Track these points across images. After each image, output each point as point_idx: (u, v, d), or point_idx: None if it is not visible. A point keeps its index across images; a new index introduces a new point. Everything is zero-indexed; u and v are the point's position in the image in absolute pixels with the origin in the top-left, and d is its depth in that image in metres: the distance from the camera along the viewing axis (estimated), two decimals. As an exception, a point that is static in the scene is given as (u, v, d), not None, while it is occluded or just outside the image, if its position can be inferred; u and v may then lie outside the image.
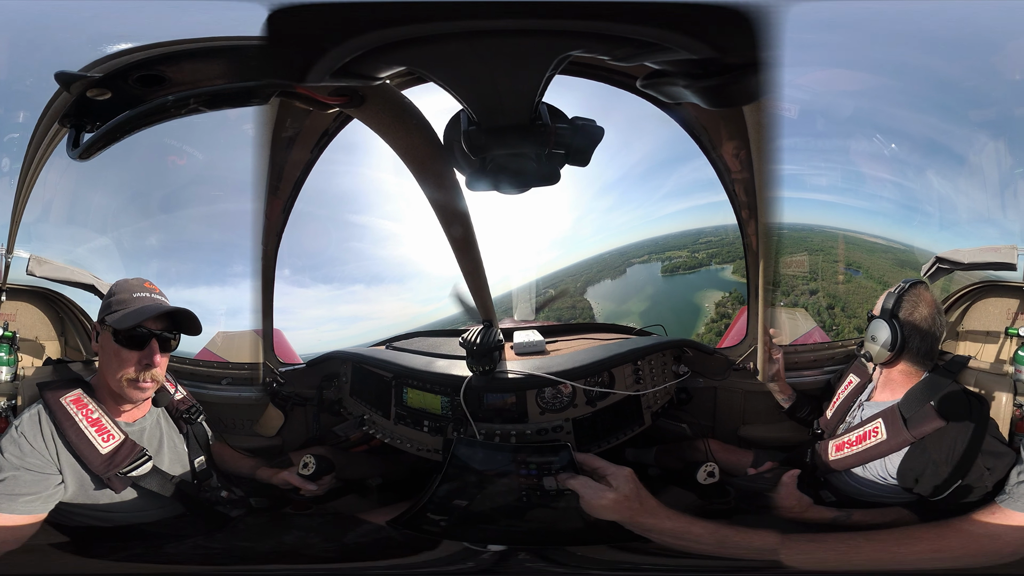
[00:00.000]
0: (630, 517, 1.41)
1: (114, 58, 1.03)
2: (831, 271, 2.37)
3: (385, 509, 1.69)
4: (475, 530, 1.55)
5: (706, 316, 2.48)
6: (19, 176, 1.89)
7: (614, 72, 1.85)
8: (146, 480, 1.57)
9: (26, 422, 1.52)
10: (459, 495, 1.57)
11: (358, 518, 1.72)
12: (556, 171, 1.28)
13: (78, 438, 1.52)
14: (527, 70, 1.01)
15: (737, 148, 1.88)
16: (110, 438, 1.54)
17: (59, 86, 1.02)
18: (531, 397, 1.86)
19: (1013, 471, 1.48)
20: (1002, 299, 2.07)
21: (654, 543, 1.44)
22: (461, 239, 1.63)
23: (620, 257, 2.98)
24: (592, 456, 1.52)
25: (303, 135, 1.86)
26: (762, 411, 2.09)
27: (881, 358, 1.72)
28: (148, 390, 1.59)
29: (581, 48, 0.97)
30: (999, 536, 1.44)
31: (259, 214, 1.90)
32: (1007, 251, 2.03)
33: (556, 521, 1.52)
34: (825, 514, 1.69)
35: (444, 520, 1.54)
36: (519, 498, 1.54)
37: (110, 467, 1.52)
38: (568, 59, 0.99)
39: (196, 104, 1.04)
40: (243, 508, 1.75)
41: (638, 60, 1.00)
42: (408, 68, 1.03)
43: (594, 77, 1.87)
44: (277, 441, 2.15)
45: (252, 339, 2.14)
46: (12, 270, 2.00)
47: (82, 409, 1.55)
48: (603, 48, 0.97)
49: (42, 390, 1.58)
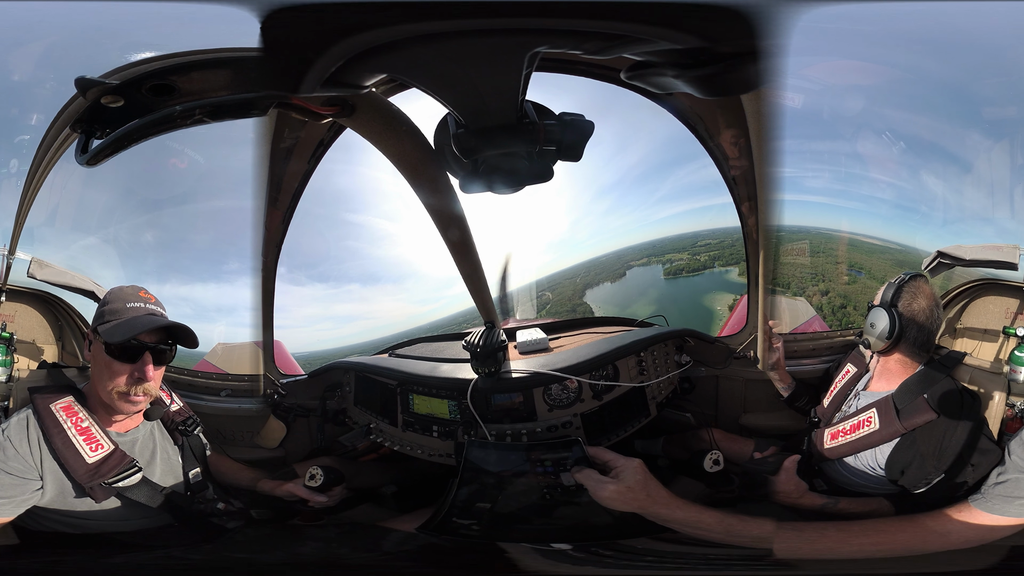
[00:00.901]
0: (641, 508, 1.43)
1: (131, 67, 1.05)
2: (835, 271, 2.39)
3: (405, 517, 1.70)
4: (506, 530, 1.55)
5: (720, 319, 2.49)
6: (26, 178, 1.88)
7: (596, 67, 1.84)
8: (133, 491, 1.54)
9: (13, 426, 1.50)
10: (480, 497, 1.58)
11: (379, 527, 1.72)
12: (549, 168, 1.29)
13: (64, 446, 1.49)
14: (502, 68, 1.02)
15: (736, 136, 1.88)
16: (99, 448, 1.52)
17: (76, 91, 1.03)
18: (538, 395, 1.86)
19: (993, 471, 1.51)
20: (1001, 298, 2.08)
21: (681, 534, 1.45)
22: (459, 242, 1.64)
23: (618, 260, 2.99)
24: (602, 449, 1.54)
25: (300, 146, 1.87)
26: (763, 399, 2.11)
27: (878, 346, 1.75)
28: (140, 404, 1.56)
29: (548, 44, 0.97)
30: (947, 534, 1.47)
31: (259, 226, 1.91)
32: (1009, 250, 2.04)
33: (582, 515, 1.53)
34: (816, 501, 1.72)
35: (473, 524, 1.54)
36: (542, 496, 1.55)
37: (95, 477, 1.50)
38: (539, 55, 1.00)
39: (200, 115, 1.06)
40: (241, 520, 1.72)
41: (612, 53, 1.01)
42: (389, 75, 1.04)
43: (583, 73, 1.88)
44: (279, 453, 2.12)
45: (252, 351, 2.13)
46: (13, 272, 1.98)
47: (72, 417, 1.52)
48: (570, 43, 0.98)
49: (32, 395, 1.55)
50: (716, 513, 1.48)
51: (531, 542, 1.54)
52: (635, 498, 1.42)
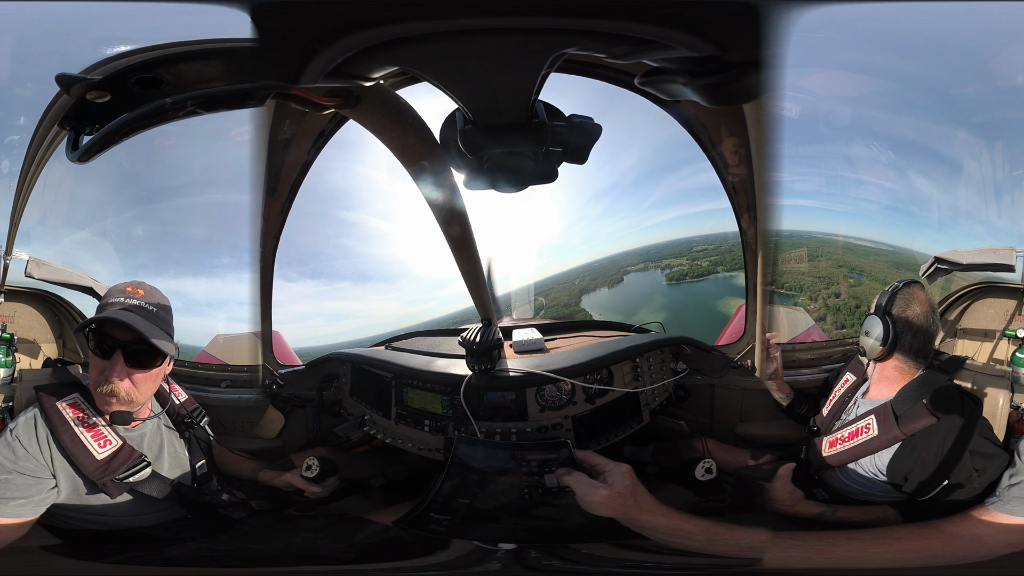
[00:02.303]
0: (624, 513, 1.41)
1: (113, 60, 1.03)
2: (838, 275, 2.38)
3: (389, 509, 1.70)
4: (480, 528, 1.55)
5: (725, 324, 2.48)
6: (18, 178, 1.89)
7: (610, 69, 1.85)
8: (143, 485, 1.56)
9: (21, 425, 1.51)
10: (462, 494, 1.58)
11: (363, 518, 1.72)
12: (554, 169, 1.27)
13: (73, 443, 1.50)
14: (523, 68, 1.00)
15: (736, 146, 1.89)
16: (107, 444, 1.52)
17: (59, 88, 1.02)
18: (531, 395, 1.86)
19: (1005, 474, 1.49)
20: (1000, 300, 2.07)
21: (653, 541, 1.44)
22: (459, 238, 1.63)
23: (613, 265, 2.98)
24: (591, 453, 1.52)
25: (300, 136, 1.86)
26: (760, 409, 2.10)
27: (874, 352, 1.74)
28: (112, 404, 1.53)
29: (577, 46, 0.96)
30: (981, 538, 1.44)
31: (257, 216, 1.90)
32: (1006, 252, 2.05)
33: (559, 518, 1.53)
34: (812, 509, 1.71)
35: (449, 519, 1.54)
36: (522, 496, 1.54)
37: (105, 473, 1.50)
38: (563, 57, 0.98)
39: (193, 106, 1.04)
40: (245, 510, 1.73)
41: (636, 58, 1.00)
42: (402, 68, 1.03)
43: (590, 75, 1.87)
44: (278, 443, 2.14)
45: (251, 341, 2.14)
46: (11, 272, 1.99)
47: (78, 414, 1.53)
48: (600, 46, 0.97)
49: (39, 393, 1.56)
50: (700, 522, 1.45)
51: (502, 541, 1.53)
52: (622, 503, 1.40)
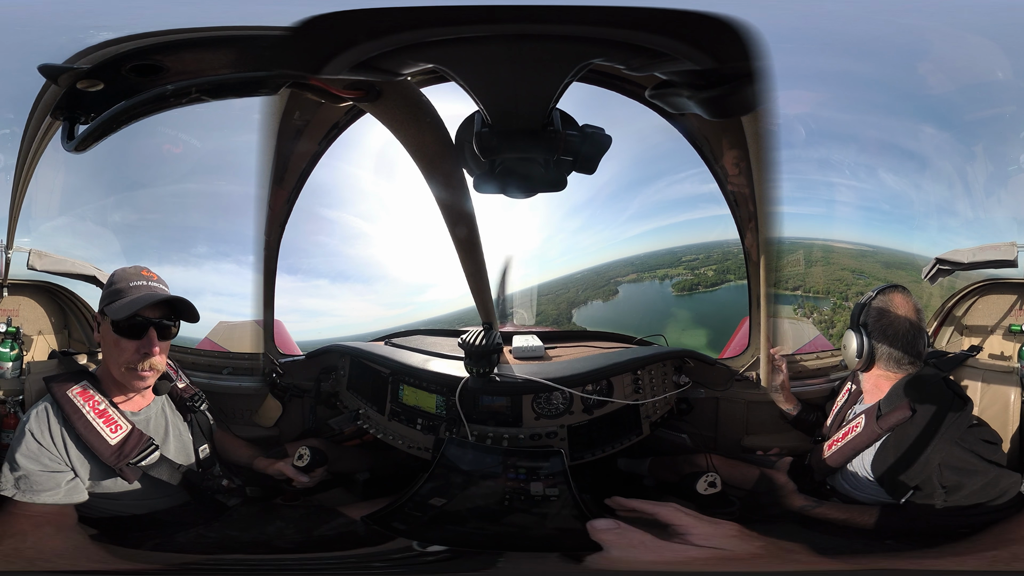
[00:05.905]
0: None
1: (102, 48, 1.01)
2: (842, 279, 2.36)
3: (367, 503, 1.69)
4: (447, 532, 1.52)
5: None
6: (15, 171, 1.90)
7: (625, 81, 1.85)
8: (155, 469, 1.59)
9: (33, 419, 1.54)
10: (440, 495, 1.56)
11: (337, 511, 1.72)
12: (563, 178, 1.28)
13: (87, 430, 1.53)
14: (549, 75, 1.02)
15: (738, 158, 1.89)
16: (118, 428, 1.56)
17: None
18: (527, 402, 1.84)
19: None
20: (1004, 296, 2.07)
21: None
22: (466, 240, 1.62)
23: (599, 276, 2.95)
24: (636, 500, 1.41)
25: (312, 126, 1.85)
26: (765, 421, 2.07)
27: (853, 365, 1.77)
28: (148, 379, 1.62)
29: (604, 56, 0.97)
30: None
31: (262, 203, 1.90)
32: (1006, 248, 2.04)
33: (535, 527, 1.51)
34: (797, 501, 1.74)
35: (420, 519, 1.52)
36: (500, 501, 1.52)
37: (120, 458, 1.54)
38: (589, 66, 0.99)
39: (199, 93, 1.03)
40: (240, 497, 1.76)
41: (651, 70, 1.01)
42: (433, 67, 1.02)
43: (604, 85, 1.86)
44: (275, 431, 2.15)
45: (253, 329, 2.14)
46: (13, 265, 2.01)
47: (89, 401, 1.56)
48: (622, 56, 0.98)
49: (48, 384, 1.59)
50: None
51: (470, 546, 1.51)
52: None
